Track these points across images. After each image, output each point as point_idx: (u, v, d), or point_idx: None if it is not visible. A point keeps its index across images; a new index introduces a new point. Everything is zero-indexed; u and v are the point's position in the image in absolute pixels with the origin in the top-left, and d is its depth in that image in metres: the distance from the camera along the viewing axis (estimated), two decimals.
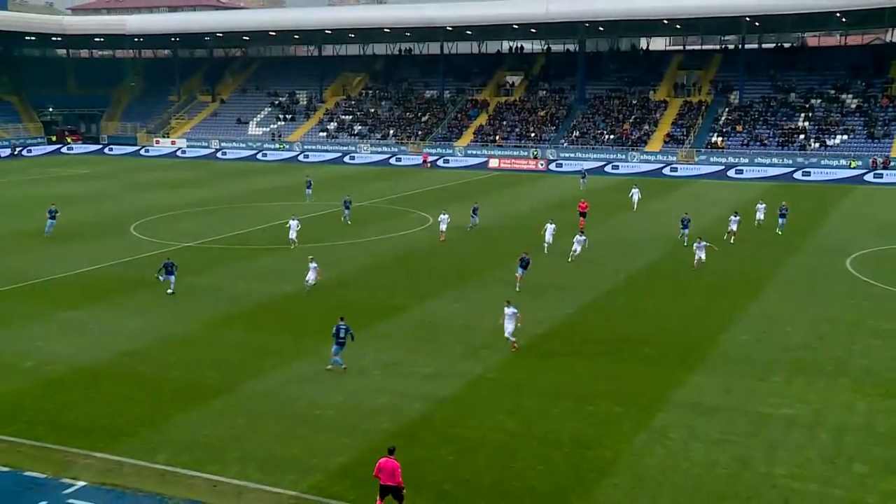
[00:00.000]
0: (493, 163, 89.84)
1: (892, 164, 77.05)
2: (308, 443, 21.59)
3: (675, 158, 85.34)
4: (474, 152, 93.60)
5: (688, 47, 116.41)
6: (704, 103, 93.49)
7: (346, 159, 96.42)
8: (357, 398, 24.44)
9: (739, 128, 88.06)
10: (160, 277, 35.97)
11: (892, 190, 70.98)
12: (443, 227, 47.94)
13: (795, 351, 28.65)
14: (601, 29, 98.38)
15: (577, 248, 42.32)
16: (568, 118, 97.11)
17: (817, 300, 35.14)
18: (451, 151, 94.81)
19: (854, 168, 77.72)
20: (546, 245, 43.80)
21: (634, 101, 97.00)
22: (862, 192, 70.15)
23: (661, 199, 65.47)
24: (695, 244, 41.18)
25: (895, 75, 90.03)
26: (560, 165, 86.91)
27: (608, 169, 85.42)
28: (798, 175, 78.67)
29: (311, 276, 36.08)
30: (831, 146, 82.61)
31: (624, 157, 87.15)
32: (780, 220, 49.57)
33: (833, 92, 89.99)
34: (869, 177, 76.10)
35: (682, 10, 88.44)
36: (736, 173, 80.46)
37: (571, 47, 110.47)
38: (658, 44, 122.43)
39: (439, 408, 23.98)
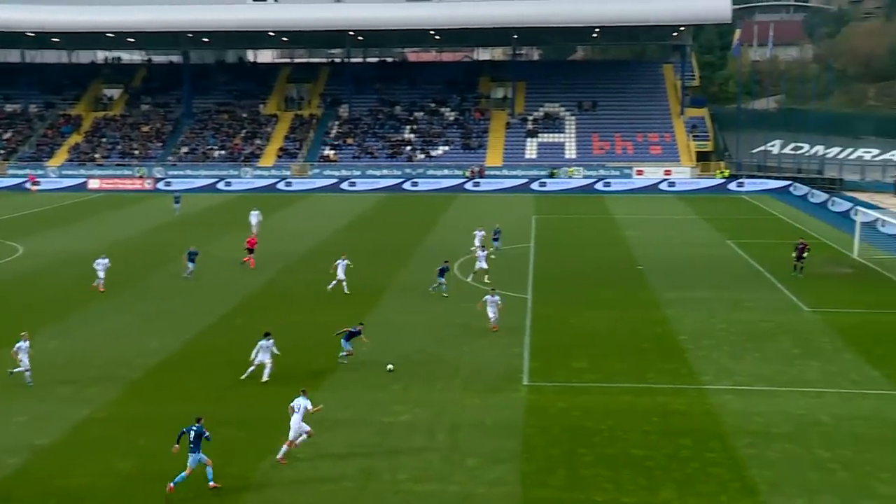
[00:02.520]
0: (94, 183, 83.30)
1: (486, 172, 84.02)
2: None
3: (289, 173, 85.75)
4: (71, 172, 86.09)
5: (296, 60, 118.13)
6: (315, 117, 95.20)
7: None
8: None
9: (350, 140, 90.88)
10: None
11: (488, 197, 77.20)
12: (101, 273, 39.18)
13: (413, 357, 29.69)
14: (205, 40, 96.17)
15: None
16: (175, 133, 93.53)
17: (431, 306, 36.78)
18: (43, 172, 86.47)
19: (464, 177, 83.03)
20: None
21: (245, 115, 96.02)
22: (463, 199, 75.45)
23: (278, 215, 65.04)
24: (486, 297, 32.94)
25: (484, 90, 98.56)
26: (169, 184, 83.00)
27: (221, 186, 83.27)
28: (407, 185, 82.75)
29: (24, 357, 26.75)
30: (435, 157, 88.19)
31: (237, 172, 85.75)
32: (495, 244, 48.50)
33: (434, 105, 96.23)
34: (469, 185, 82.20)
35: (287, 22, 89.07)
36: (349, 185, 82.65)
37: (175, 59, 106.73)
38: (266, 56, 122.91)
39: (39, 459, 21.57)
